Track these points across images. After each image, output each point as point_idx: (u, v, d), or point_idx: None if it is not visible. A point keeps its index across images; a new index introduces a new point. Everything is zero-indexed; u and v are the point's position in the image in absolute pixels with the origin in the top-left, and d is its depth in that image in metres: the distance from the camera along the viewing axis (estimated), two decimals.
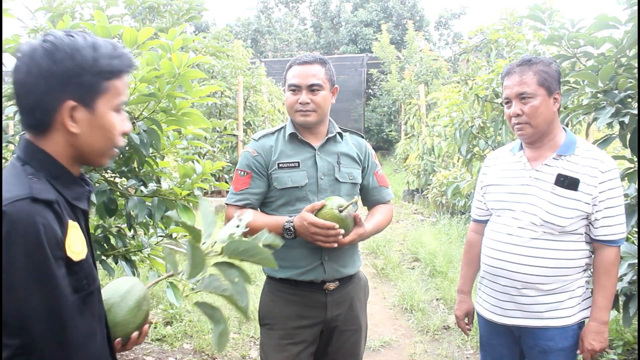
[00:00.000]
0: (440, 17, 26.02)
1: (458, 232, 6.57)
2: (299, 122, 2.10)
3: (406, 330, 4.18)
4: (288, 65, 2.16)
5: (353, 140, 2.25)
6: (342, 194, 2.09)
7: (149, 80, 2.26)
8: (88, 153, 1.18)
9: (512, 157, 2.08)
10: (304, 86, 2.06)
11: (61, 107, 1.12)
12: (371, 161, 2.26)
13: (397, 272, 5.58)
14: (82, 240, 1.15)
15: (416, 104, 10.22)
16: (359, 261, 2.23)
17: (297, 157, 2.10)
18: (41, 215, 1.06)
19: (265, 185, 2.10)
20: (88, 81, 1.12)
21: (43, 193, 1.09)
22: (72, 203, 1.17)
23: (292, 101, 2.10)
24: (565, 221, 1.88)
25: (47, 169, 1.15)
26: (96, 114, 1.15)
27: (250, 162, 2.10)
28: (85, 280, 1.15)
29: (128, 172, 2.66)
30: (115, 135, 1.19)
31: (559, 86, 1.95)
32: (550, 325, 1.93)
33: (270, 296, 2.15)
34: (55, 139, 1.15)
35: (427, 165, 9.05)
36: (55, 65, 1.09)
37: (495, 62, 5.00)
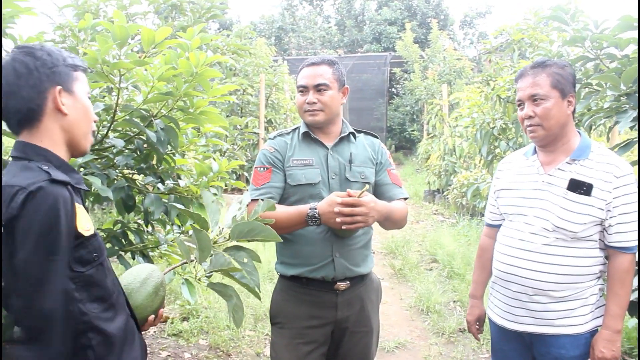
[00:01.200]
0: (465, 16, 25.77)
1: (477, 234, 6.50)
2: (308, 121, 2.15)
3: (421, 331, 4.17)
4: (299, 68, 2.22)
5: (367, 141, 2.26)
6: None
7: (167, 79, 2.28)
8: (76, 135, 1.37)
9: (526, 161, 2.05)
10: (310, 86, 2.11)
11: (50, 94, 1.31)
12: (385, 159, 2.26)
13: (415, 273, 5.56)
14: (88, 218, 1.32)
15: (438, 104, 10.14)
16: (371, 262, 2.23)
17: (310, 155, 2.14)
18: (62, 196, 1.22)
19: (284, 180, 2.13)
20: (64, 71, 1.34)
21: (60, 175, 1.26)
22: (75, 187, 1.32)
23: (300, 102, 2.15)
24: (577, 227, 1.85)
25: (49, 160, 1.30)
26: (76, 97, 1.37)
27: (269, 158, 2.14)
28: (95, 253, 1.33)
29: (146, 169, 2.69)
30: (92, 118, 1.41)
31: (574, 89, 1.92)
32: (562, 332, 1.90)
33: (282, 295, 2.17)
34: (49, 126, 1.32)
35: (448, 166, 8.98)
36: (39, 61, 1.31)
37: (518, 63, 4.94)
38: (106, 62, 2.06)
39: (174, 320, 4.13)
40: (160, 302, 1.51)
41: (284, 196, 2.13)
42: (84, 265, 1.30)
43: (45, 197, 1.19)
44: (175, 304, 4.44)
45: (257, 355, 3.68)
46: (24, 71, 1.28)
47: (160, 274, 1.52)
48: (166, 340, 3.87)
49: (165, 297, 1.52)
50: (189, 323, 4.10)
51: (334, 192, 1.93)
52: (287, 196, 2.12)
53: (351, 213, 1.86)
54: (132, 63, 2.13)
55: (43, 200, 1.18)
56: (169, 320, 4.14)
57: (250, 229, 1.41)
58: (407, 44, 17.32)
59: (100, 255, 1.35)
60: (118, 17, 2.08)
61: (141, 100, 2.29)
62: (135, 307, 1.45)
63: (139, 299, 1.46)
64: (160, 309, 1.53)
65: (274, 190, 2.11)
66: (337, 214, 1.86)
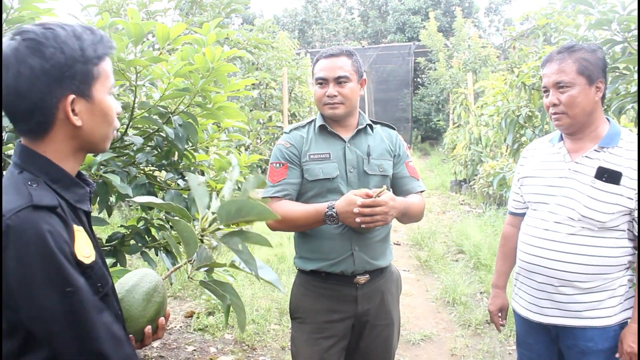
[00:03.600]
0: (491, 3, 25.35)
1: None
2: (328, 114, 2.10)
3: (447, 323, 4.12)
4: (315, 59, 2.17)
5: (384, 133, 2.22)
6: (371, 186, 2.05)
7: (184, 75, 2.29)
8: (92, 141, 1.17)
9: (552, 148, 1.99)
10: (330, 79, 2.06)
11: (61, 103, 1.09)
12: (402, 151, 2.22)
13: (441, 264, 5.50)
14: (89, 243, 1.12)
15: (463, 93, 10.00)
16: (390, 255, 2.20)
17: (327, 149, 2.10)
18: (46, 222, 1.02)
19: (301, 176, 2.10)
20: (81, 71, 1.09)
21: (44, 199, 1.05)
22: (74, 206, 1.14)
23: (320, 94, 2.09)
24: (605, 216, 1.79)
25: (47, 172, 1.11)
26: (95, 102, 1.13)
27: (285, 154, 2.11)
28: (99, 283, 1.12)
29: (167, 166, 2.71)
30: (114, 118, 1.19)
31: (604, 75, 1.84)
32: (590, 325, 1.85)
33: (302, 290, 2.16)
34: (57, 137, 1.12)
35: (474, 155, 8.85)
36: (47, 63, 1.05)
37: (542, 49, 4.82)
38: (122, 59, 2.07)
39: (200, 315, 4.17)
40: (156, 310, 1.30)
41: (301, 191, 2.11)
42: None
43: (23, 228, 1.00)
44: (201, 299, 4.48)
45: (282, 349, 3.69)
46: (26, 73, 1.04)
47: (154, 277, 1.32)
48: (192, 334, 3.90)
49: (164, 304, 1.32)
50: (215, 318, 4.13)
51: (352, 191, 1.90)
52: (304, 191, 2.11)
53: (371, 213, 1.84)
54: (148, 60, 2.14)
55: (21, 232, 0.99)
56: (194, 315, 4.17)
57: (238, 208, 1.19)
58: (431, 33, 17.12)
59: (105, 284, 1.15)
60: (133, 15, 2.09)
61: (158, 97, 2.29)
62: (126, 319, 1.24)
63: (128, 310, 1.26)
64: (160, 317, 1.31)
65: (290, 187, 2.09)
66: (357, 214, 1.84)
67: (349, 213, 1.86)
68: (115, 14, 4.25)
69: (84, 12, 4.32)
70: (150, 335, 1.30)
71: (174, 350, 3.64)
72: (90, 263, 1.10)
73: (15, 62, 1.04)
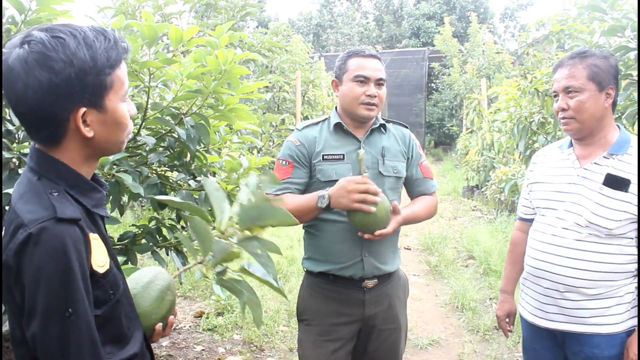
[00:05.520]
0: (506, 8, 25.26)
1: None
2: (362, 115, 2.05)
3: (456, 329, 4.11)
4: (346, 55, 2.12)
5: (397, 132, 2.20)
6: (386, 187, 2.05)
7: (196, 77, 2.32)
8: (105, 148, 1.15)
9: (561, 155, 1.99)
10: (373, 79, 2.03)
11: (72, 117, 1.06)
12: (415, 152, 2.21)
13: (451, 269, 5.49)
14: (104, 251, 1.12)
15: (476, 99, 9.97)
16: (398, 259, 2.20)
17: (342, 149, 2.08)
18: (70, 236, 1.02)
19: (307, 176, 2.09)
20: (92, 83, 1.05)
21: (67, 211, 1.04)
22: (91, 211, 1.14)
23: (358, 93, 2.03)
24: (612, 223, 1.78)
25: (65, 178, 1.10)
26: (107, 112, 1.10)
27: (293, 152, 2.09)
28: (111, 290, 1.13)
29: (179, 167, 2.74)
30: (128, 123, 1.16)
31: (615, 81, 1.84)
32: (596, 332, 1.85)
33: (309, 291, 2.16)
34: (69, 146, 1.10)
35: (487, 161, 8.83)
36: (57, 77, 1.01)
37: (556, 55, 4.80)
38: (136, 61, 2.11)
39: (209, 315, 4.20)
40: (168, 308, 1.33)
41: (313, 191, 2.08)
42: (99, 307, 1.10)
43: (47, 240, 0.99)
44: (211, 299, 4.51)
45: (290, 351, 3.70)
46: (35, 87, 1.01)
47: (167, 276, 1.35)
48: (201, 334, 3.93)
49: (175, 302, 1.36)
50: (224, 318, 4.16)
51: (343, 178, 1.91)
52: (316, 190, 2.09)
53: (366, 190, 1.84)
54: (161, 62, 2.17)
55: (44, 244, 0.99)
56: (204, 315, 4.20)
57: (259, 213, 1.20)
58: (446, 39, 17.08)
59: (117, 290, 1.15)
60: (147, 18, 2.12)
61: (171, 98, 2.33)
62: (139, 315, 1.26)
63: (142, 306, 1.28)
64: (170, 315, 1.34)
65: (293, 186, 2.07)
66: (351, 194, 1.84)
67: (343, 191, 1.86)
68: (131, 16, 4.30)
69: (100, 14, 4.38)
70: (160, 332, 1.31)
71: (182, 349, 3.67)
72: (104, 272, 1.10)
73: (24, 75, 1.01)
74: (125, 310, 1.19)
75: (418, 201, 2.20)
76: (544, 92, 4.85)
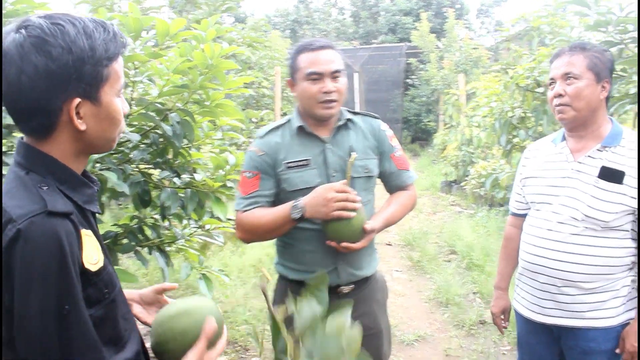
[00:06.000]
0: (482, 4, 25.47)
1: (496, 225, 6.42)
2: (322, 115, 1.90)
3: (441, 324, 4.12)
4: (295, 52, 1.95)
5: (366, 124, 2.04)
6: (357, 189, 1.90)
7: (182, 72, 2.26)
8: (96, 144, 1.10)
9: (554, 148, 1.98)
10: (327, 73, 1.85)
11: (65, 106, 1.00)
12: (387, 145, 2.05)
13: (434, 265, 5.50)
14: (97, 247, 1.06)
15: (455, 94, 10.02)
16: (375, 261, 2.09)
17: (306, 154, 1.93)
18: (62, 229, 0.96)
19: (275, 186, 1.96)
20: (89, 73, 1.00)
21: (58, 204, 0.98)
22: (82, 207, 1.07)
23: (314, 91, 1.86)
24: (608, 216, 1.78)
25: (54, 173, 1.04)
26: (102, 105, 1.05)
27: (257, 162, 1.94)
28: (105, 289, 1.06)
29: (163, 164, 2.67)
30: (120, 120, 1.10)
31: (610, 76, 1.85)
32: (593, 325, 1.85)
33: (282, 297, 2.01)
34: (60, 138, 1.04)
35: (466, 156, 8.88)
36: (54, 63, 0.96)
37: (537, 50, 4.83)
38: None
39: None
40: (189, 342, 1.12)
41: (282, 201, 1.94)
42: (92, 306, 1.02)
43: (38, 235, 0.93)
44: None
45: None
46: (30, 72, 0.96)
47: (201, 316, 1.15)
48: None
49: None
50: None
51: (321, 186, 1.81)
52: (285, 201, 1.93)
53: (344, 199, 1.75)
54: (147, 56, 2.11)
55: (36, 239, 0.92)
56: None
57: None
58: (423, 34, 17.14)
59: (112, 289, 1.09)
60: (132, 10, 2.06)
61: (156, 93, 2.26)
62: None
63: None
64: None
65: (263, 199, 1.94)
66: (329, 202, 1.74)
67: (318, 197, 1.76)
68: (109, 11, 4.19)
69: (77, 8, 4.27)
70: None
71: None
72: (98, 270, 1.03)
73: (19, 59, 0.96)
74: (122, 311, 1.13)
75: (393, 201, 2.08)
76: (524, 86, 4.89)
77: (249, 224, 1.93)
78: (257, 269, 5.14)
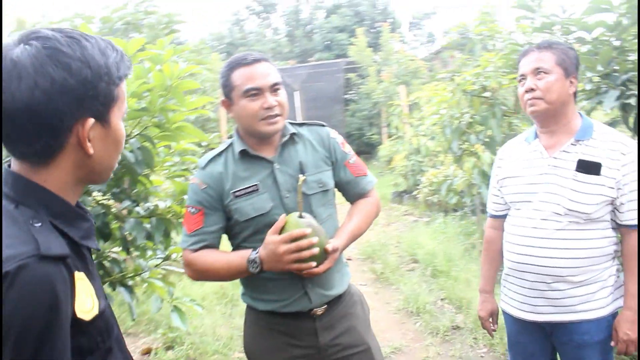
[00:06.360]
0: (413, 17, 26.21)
1: (454, 230, 6.49)
2: (266, 132, 1.76)
3: (415, 334, 4.09)
4: (227, 68, 1.80)
5: (313, 135, 1.91)
6: (314, 207, 1.81)
7: (139, 95, 2.15)
8: (97, 172, 1.00)
9: (528, 147, 2.00)
10: (266, 87, 1.73)
11: (76, 127, 0.91)
12: (339, 152, 1.92)
13: (397, 275, 5.48)
14: (91, 292, 0.94)
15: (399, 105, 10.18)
16: (347, 276, 1.96)
17: (253, 179, 1.79)
18: (59, 278, 0.85)
19: (223, 220, 1.82)
20: (104, 90, 0.93)
21: (53, 246, 0.87)
22: (78, 243, 0.96)
23: (255, 109, 1.73)
24: (590, 208, 1.80)
25: (47, 206, 0.93)
26: (111, 128, 0.97)
27: (200, 197, 1.80)
28: (99, 338, 0.95)
29: (120, 193, 2.54)
30: (121, 148, 1.03)
31: (576, 71, 1.90)
32: (585, 318, 1.85)
33: (254, 328, 1.92)
34: (61, 164, 0.94)
35: (415, 166, 8.99)
36: (72, 78, 0.88)
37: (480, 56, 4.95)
38: None
39: (158, 350, 3.93)
40: None
41: (235, 232, 1.84)
42: (83, 357, 0.93)
43: (26, 283, 0.80)
44: (157, 333, 4.23)
45: None
46: (45, 87, 0.86)
47: None
48: None
49: None
50: (174, 352, 3.90)
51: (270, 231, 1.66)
52: (239, 231, 1.83)
53: (296, 248, 1.61)
54: None
55: (23, 288, 0.80)
56: (152, 352, 3.94)
57: None
58: (361, 49, 17.43)
59: (108, 337, 0.98)
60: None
61: None
62: None
63: None
64: None
65: (210, 235, 1.81)
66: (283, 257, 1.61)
67: (272, 254, 1.63)
68: None
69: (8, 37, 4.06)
70: None
71: None
72: (92, 318, 0.92)
73: (33, 72, 0.86)
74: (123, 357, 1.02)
75: (355, 212, 1.95)
76: (470, 92, 4.99)
77: (201, 267, 1.80)
78: (220, 296, 4.98)
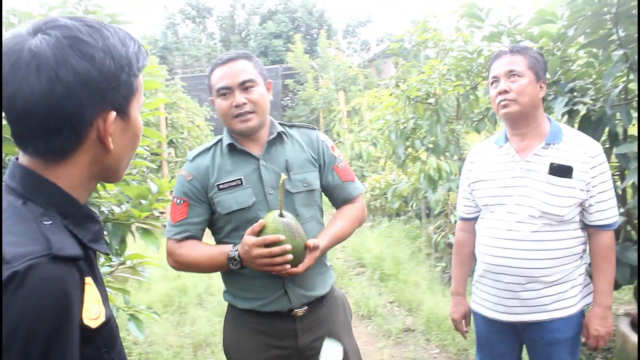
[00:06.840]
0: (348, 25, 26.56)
1: (400, 234, 6.59)
2: (240, 129, 1.80)
3: (367, 337, 4.11)
4: (210, 70, 1.86)
5: (302, 137, 1.93)
6: (298, 205, 1.82)
7: None
8: (113, 169, 0.94)
9: (499, 150, 2.03)
10: (235, 85, 1.76)
11: (97, 120, 0.85)
12: (328, 155, 1.94)
13: (346, 279, 5.51)
14: (97, 299, 0.87)
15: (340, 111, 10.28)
16: (330, 278, 1.96)
17: (238, 173, 1.81)
18: (70, 281, 0.78)
19: (207, 212, 1.84)
20: (125, 82, 0.87)
21: (67, 247, 0.80)
22: (87, 246, 0.89)
23: (225, 107, 1.78)
24: (564, 210, 1.86)
25: (56, 205, 0.86)
26: (130, 121, 0.91)
27: (186, 188, 1.83)
28: (104, 349, 0.89)
29: None
30: (139, 142, 0.97)
31: (545, 76, 1.96)
32: (556, 316, 1.92)
33: (234, 327, 1.92)
34: (79, 160, 0.88)
35: (357, 171, 9.09)
36: (95, 69, 0.82)
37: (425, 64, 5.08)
38: None
39: None
40: None
41: (219, 225, 1.85)
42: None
43: (37, 284, 0.73)
44: None
45: None
46: (68, 79, 0.79)
47: None
48: None
49: None
50: None
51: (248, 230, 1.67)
52: (222, 225, 1.84)
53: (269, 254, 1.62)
54: None
55: (33, 289, 0.73)
56: None
57: None
58: (298, 55, 17.49)
59: (112, 348, 0.92)
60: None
61: None
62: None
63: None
64: None
65: (193, 227, 1.83)
66: (256, 261, 1.64)
67: (247, 255, 1.66)
68: None
69: None
70: None
71: None
72: (98, 326, 0.86)
73: (55, 63, 0.79)
74: None
75: (340, 215, 1.95)
76: (415, 98, 5.10)
77: (183, 259, 1.82)
78: (166, 304, 4.84)
